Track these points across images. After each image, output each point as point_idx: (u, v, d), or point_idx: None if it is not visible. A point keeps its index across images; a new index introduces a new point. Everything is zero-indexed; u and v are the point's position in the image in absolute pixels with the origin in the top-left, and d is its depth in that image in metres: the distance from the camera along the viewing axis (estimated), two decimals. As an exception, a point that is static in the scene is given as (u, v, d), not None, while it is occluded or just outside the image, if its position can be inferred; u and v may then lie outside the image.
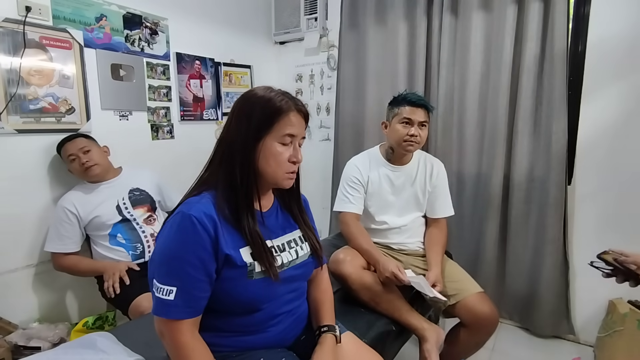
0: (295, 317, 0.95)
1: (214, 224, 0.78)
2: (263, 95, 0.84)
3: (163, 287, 0.75)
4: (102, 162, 1.63)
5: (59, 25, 1.67)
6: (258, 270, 0.83)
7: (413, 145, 1.47)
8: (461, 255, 2.00)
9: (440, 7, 2.03)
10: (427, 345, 1.30)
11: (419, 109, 1.46)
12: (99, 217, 1.59)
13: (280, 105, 0.82)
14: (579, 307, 1.90)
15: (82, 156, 1.57)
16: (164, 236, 0.78)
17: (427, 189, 1.57)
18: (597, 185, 1.81)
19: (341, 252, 1.42)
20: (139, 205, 1.70)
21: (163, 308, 0.75)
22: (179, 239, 0.76)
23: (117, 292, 1.48)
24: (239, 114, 0.84)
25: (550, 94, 1.78)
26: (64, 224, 1.56)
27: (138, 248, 1.66)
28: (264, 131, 0.82)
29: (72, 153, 1.58)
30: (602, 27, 1.71)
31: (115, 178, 1.70)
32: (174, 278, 0.75)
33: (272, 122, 0.82)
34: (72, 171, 1.62)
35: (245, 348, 0.87)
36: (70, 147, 1.58)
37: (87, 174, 1.59)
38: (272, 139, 0.83)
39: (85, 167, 1.57)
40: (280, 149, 0.84)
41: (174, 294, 0.74)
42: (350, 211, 1.53)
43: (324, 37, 2.56)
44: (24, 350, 1.38)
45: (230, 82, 2.53)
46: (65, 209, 1.57)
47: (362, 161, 1.61)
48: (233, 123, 0.84)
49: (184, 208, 0.79)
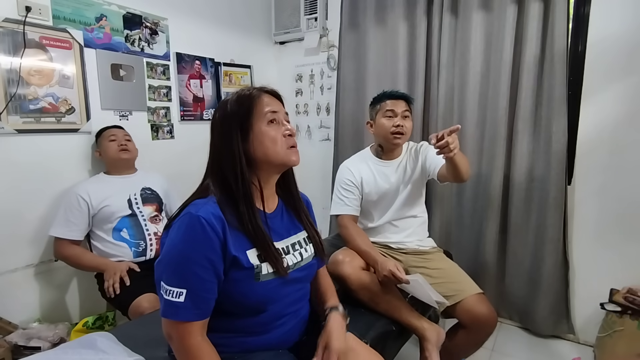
0: (298, 319, 0.95)
1: (222, 225, 0.78)
2: (231, 96, 0.88)
3: (172, 290, 0.74)
4: (133, 153, 1.79)
5: (59, 25, 1.67)
6: (265, 272, 0.83)
7: (400, 137, 1.50)
8: (461, 255, 2.00)
9: (440, 7, 2.03)
10: (427, 345, 1.30)
11: (399, 101, 1.52)
12: (109, 207, 1.62)
13: (249, 93, 0.87)
14: (579, 307, 1.90)
15: (122, 140, 1.75)
16: (172, 237, 0.78)
17: (418, 170, 1.56)
18: (597, 185, 1.81)
19: (340, 253, 1.42)
20: (148, 203, 1.75)
21: (172, 310, 0.74)
22: (187, 239, 0.75)
23: (117, 293, 1.48)
24: (220, 121, 0.87)
25: (550, 94, 1.78)
26: (73, 210, 1.59)
27: (141, 245, 1.67)
28: (247, 120, 0.84)
29: (115, 134, 1.75)
30: (602, 27, 1.71)
31: (130, 174, 1.79)
32: (184, 280, 0.74)
33: (250, 109, 0.85)
34: (105, 151, 1.72)
35: (247, 349, 0.87)
36: (115, 131, 1.77)
37: (119, 154, 1.72)
38: (257, 122, 0.85)
39: (121, 148, 1.72)
40: (269, 127, 0.85)
41: (184, 296, 0.73)
42: (347, 213, 1.54)
43: (324, 37, 2.56)
44: (24, 350, 1.38)
45: (230, 82, 2.53)
46: (77, 195, 1.60)
47: (354, 163, 1.62)
48: (215, 132, 0.87)
49: (192, 209, 0.78)
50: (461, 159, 1.29)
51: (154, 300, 1.43)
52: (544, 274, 1.87)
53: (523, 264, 1.95)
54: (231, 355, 0.85)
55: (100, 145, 1.75)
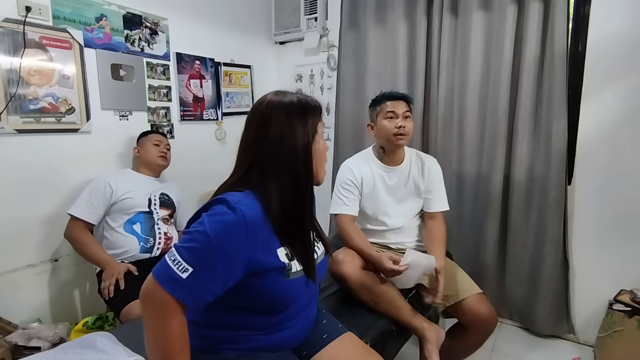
0: (307, 320, 0.96)
1: (262, 225, 0.78)
2: (292, 96, 0.87)
3: (181, 262, 0.71)
4: (168, 162, 1.91)
5: (59, 25, 1.67)
6: (294, 270, 0.84)
7: (403, 138, 1.48)
8: (461, 255, 2.00)
9: (440, 7, 2.03)
10: (427, 345, 1.29)
11: (400, 102, 1.50)
12: (130, 200, 1.68)
13: (315, 105, 0.88)
14: (579, 307, 1.90)
15: (164, 148, 1.86)
16: (210, 221, 0.74)
17: (421, 187, 1.57)
18: (597, 185, 1.81)
19: (340, 253, 1.42)
20: (164, 207, 1.81)
21: (170, 281, 0.71)
22: (224, 232, 0.73)
23: (111, 295, 1.49)
24: (286, 113, 0.83)
25: (550, 94, 1.78)
26: (98, 193, 1.64)
27: (150, 242, 1.69)
28: (313, 131, 0.85)
29: (161, 141, 1.87)
30: (602, 27, 1.71)
31: (156, 179, 1.88)
32: (197, 261, 0.71)
33: (316, 122, 0.86)
34: (147, 151, 1.82)
35: (255, 348, 0.87)
36: (161, 138, 1.89)
37: (157, 160, 1.83)
38: (319, 137, 0.87)
39: (161, 156, 1.83)
40: (322, 146, 0.89)
41: (188, 274, 0.70)
42: (346, 213, 1.54)
43: (324, 37, 2.56)
44: (24, 350, 1.38)
45: (230, 82, 2.53)
46: (106, 180, 1.66)
47: (355, 163, 1.61)
48: (278, 124, 0.82)
49: (231, 199, 0.76)
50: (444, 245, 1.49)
51: None
52: (544, 274, 1.87)
53: (523, 264, 1.95)
54: (237, 355, 0.85)
55: (142, 145, 1.84)
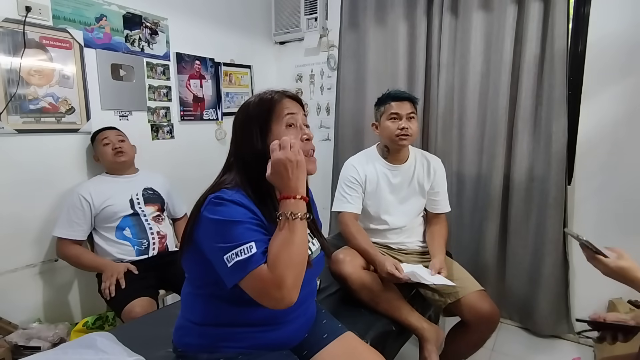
0: (306, 318, 0.97)
1: (256, 210, 0.81)
2: (254, 98, 0.91)
3: (240, 248, 0.74)
4: (129, 154, 1.77)
5: (59, 25, 1.67)
6: None
7: (406, 139, 1.49)
8: (461, 255, 2.00)
9: (440, 7, 2.03)
10: (427, 345, 1.30)
11: (404, 102, 1.50)
12: (111, 207, 1.63)
13: (271, 97, 0.89)
14: (579, 307, 1.90)
15: (116, 142, 1.72)
16: (213, 215, 0.78)
17: (425, 187, 1.58)
18: (597, 185, 1.81)
19: (341, 252, 1.42)
20: (150, 203, 1.76)
21: (246, 265, 0.74)
22: (231, 210, 0.77)
23: (112, 295, 1.49)
24: (241, 123, 0.90)
25: (550, 94, 1.78)
26: (76, 210, 1.60)
27: (143, 244, 1.68)
28: (267, 123, 0.86)
29: (108, 137, 1.72)
30: (602, 27, 1.71)
31: (133, 175, 1.79)
32: (246, 236, 0.75)
33: (270, 112, 0.87)
34: (102, 155, 1.71)
35: (256, 345, 0.87)
36: (108, 133, 1.74)
37: (115, 158, 1.70)
38: (276, 125, 0.87)
39: (116, 152, 1.70)
40: (287, 130, 0.87)
41: (255, 246, 0.74)
42: (349, 211, 1.54)
43: (324, 37, 2.55)
44: (24, 350, 1.38)
45: (230, 82, 2.53)
46: (79, 195, 1.61)
47: (359, 161, 1.61)
48: (238, 133, 0.90)
49: (223, 195, 0.79)
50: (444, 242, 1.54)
51: (147, 305, 1.44)
52: (544, 274, 1.87)
53: (523, 264, 1.95)
54: (236, 353, 0.85)
55: (96, 150, 1.75)
